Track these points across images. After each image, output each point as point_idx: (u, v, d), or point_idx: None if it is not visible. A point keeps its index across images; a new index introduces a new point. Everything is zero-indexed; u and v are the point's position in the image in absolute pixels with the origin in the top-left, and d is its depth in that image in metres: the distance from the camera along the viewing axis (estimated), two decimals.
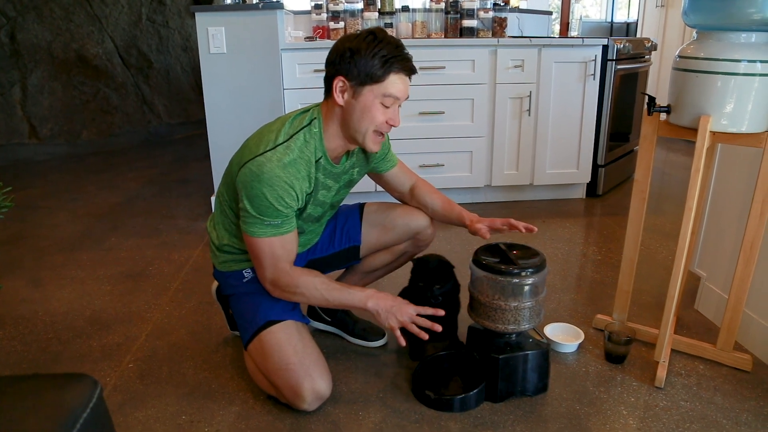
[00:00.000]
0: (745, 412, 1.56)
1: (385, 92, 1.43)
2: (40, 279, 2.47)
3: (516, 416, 1.55)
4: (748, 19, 1.42)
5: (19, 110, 4.79)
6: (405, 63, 1.44)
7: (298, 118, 1.52)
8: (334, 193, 1.64)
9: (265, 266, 1.49)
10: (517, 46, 3.17)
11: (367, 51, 1.41)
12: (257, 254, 1.49)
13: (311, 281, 1.51)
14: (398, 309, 1.49)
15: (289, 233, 1.49)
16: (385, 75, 1.42)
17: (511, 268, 1.52)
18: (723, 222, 2.02)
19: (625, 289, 1.91)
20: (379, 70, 1.41)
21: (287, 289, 1.51)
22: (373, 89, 1.43)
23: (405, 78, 1.46)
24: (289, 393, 1.52)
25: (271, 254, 1.48)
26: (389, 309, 1.49)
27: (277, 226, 1.46)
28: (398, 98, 1.46)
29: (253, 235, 1.46)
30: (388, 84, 1.43)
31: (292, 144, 1.46)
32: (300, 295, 1.52)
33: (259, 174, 1.41)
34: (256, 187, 1.41)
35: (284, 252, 1.49)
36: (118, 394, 1.67)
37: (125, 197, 3.72)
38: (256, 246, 1.48)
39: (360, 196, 2.92)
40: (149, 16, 5.70)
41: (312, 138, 1.49)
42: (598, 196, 3.59)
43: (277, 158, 1.43)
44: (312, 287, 1.50)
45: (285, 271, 1.50)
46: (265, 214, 1.43)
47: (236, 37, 3.00)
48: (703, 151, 1.51)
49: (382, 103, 1.44)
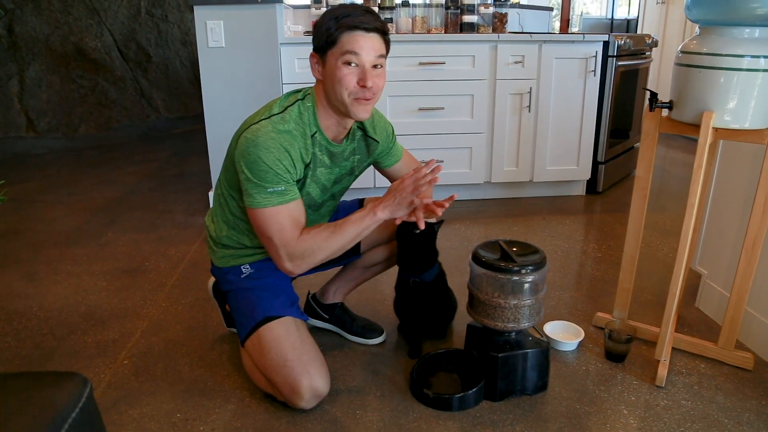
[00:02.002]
0: (747, 412, 1.54)
1: (342, 50, 1.41)
2: (36, 274, 2.45)
3: (515, 415, 1.54)
4: (752, 14, 1.40)
5: (16, 103, 4.76)
6: (355, 18, 1.40)
7: (293, 93, 1.53)
8: (335, 179, 1.62)
9: (275, 240, 1.44)
10: (518, 41, 3.14)
11: (322, 19, 1.42)
12: (264, 229, 1.45)
13: (319, 234, 1.47)
14: (400, 192, 1.45)
15: (294, 200, 1.46)
16: (338, 35, 1.40)
17: (510, 265, 1.50)
18: (724, 219, 2.00)
19: (625, 286, 1.89)
20: (335, 32, 1.40)
21: (305, 254, 1.46)
22: (333, 53, 1.42)
23: (363, 34, 1.41)
24: (286, 390, 1.50)
25: (279, 226, 1.44)
26: (395, 204, 1.46)
27: (281, 193, 1.43)
28: (356, 53, 1.40)
29: (258, 206, 1.43)
30: (344, 42, 1.40)
31: (287, 115, 1.46)
32: (319, 252, 1.47)
33: (255, 139, 1.41)
34: (252, 152, 1.40)
35: (291, 221, 1.45)
36: (113, 391, 1.65)
37: (123, 192, 3.70)
38: (262, 218, 1.44)
39: (360, 191, 2.90)
40: (148, 10, 5.67)
41: (306, 111, 1.49)
42: (598, 193, 3.57)
43: (272, 125, 1.43)
44: (325, 237, 1.46)
45: (293, 240, 1.45)
46: (265, 180, 1.41)
47: (235, 31, 2.97)
48: (705, 147, 1.49)
49: (346, 63, 1.41)
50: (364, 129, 1.64)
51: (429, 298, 1.77)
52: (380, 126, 1.69)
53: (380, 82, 1.46)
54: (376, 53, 1.43)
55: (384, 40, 1.46)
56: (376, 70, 1.45)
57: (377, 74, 1.45)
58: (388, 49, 1.48)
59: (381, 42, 1.45)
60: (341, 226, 1.47)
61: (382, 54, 1.45)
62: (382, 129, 1.70)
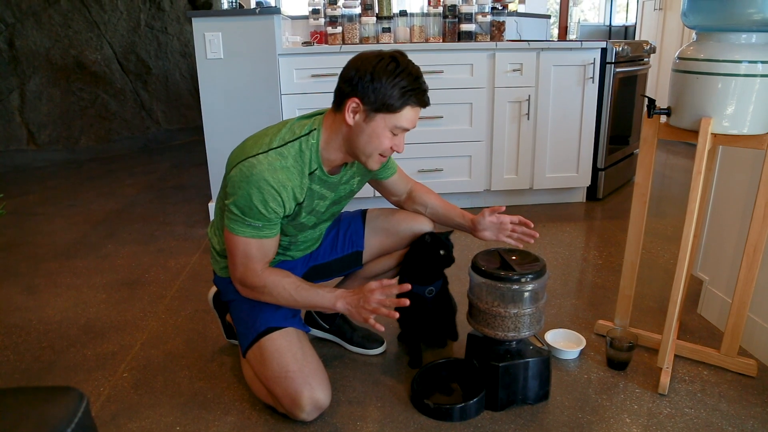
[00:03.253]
0: (750, 419, 1.53)
1: (397, 123, 1.42)
2: (35, 286, 2.45)
3: (517, 425, 1.52)
4: (749, 20, 1.40)
5: (17, 116, 4.77)
6: (421, 96, 1.42)
7: (297, 124, 1.50)
8: (330, 203, 1.62)
9: (237, 264, 1.49)
10: (516, 49, 3.15)
11: (387, 79, 1.38)
12: (232, 250, 1.49)
13: (279, 281, 1.49)
14: (364, 300, 1.46)
15: (268, 238, 1.48)
16: (401, 107, 1.40)
17: (510, 274, 1.49)
18: (725, 225, 1.99)
19: (626, 293, 1.88)
20: (397, 101, 1.39)
21: (255, 288, 1.50)
22: (386, 118, 1.41)
23: (419, 110, 1.45)
24: (287, 402, 1.49)
25: (245, 253, 1.47)
26: (357, 304, 1.46)
27: (257, 228, 1.45)
28: (408, 129, 1.45)
29: (232, 231, 1.46)
30: (401, 116, 1.41)
31: (285, 151, 1.44)
32: (268, 295, 1.50)
33: (249, 176, 1.40)
34: (243, 187, 1.40)
35: (259, 254, 1.48)
36: (112, 405, 1.64)
37: (123, 204, 3.70)
38: (232, 243, 1.48)
39: (359, 201, 2.90)
40: (148, 22, 5.69)
41: (308, 149, 1.46)
42: (598, 200, 3.56)
43: (268, 162, 1.41)
44: (280, 287, 1.48)
45: (255, 272, 1.48)
46: (247, 215, 1.43)
47: (233, 42, 2.98)
48: (704, 153, 1.48)
49: (392, 132, 1.43)
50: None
51: (436, 307, 1.76)
52: None
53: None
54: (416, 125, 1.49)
55: None
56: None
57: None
58: None
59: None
60: (302, 289, 1.50)
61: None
62: None
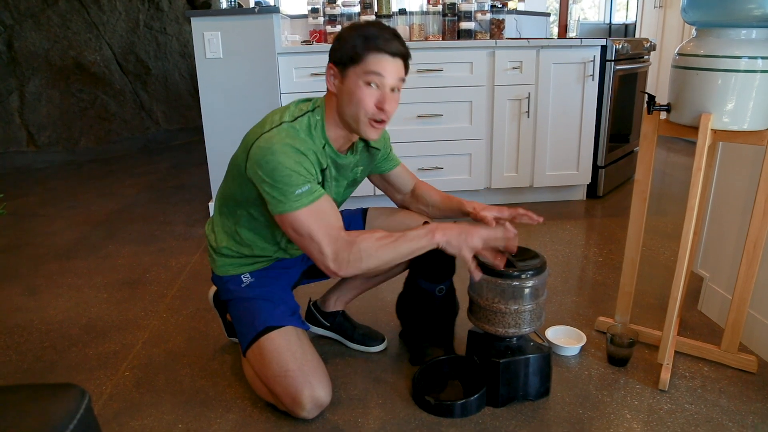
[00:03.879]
0: (751, 415, 1.53)
1: (366, 69, 1.39)
2: (36, 287, 2.45)
3: (518, 421, 1.53)
4: (748, 15, 1.40)
5: (17, 118, 4.78)
6: (385, 41, 1.39)
7: (301, 103, 1.51)
8: (341, 191, 1.62)
9: (320, 239, 1.37)
10: (515, 47, 3.15)
11: (349, 33, 1.40)
12: (302, 231, 1.38)
13: (371, 241, 1.39)
14: (468, 234, 1.42)
15: (323, 196, 1.41)
16: (364, 53, 1.38)
17: (510, 270, 1.49)
18: (725, 221, 1.99)
19: (627, 290, 1.88)
20: (360, 49, 1.38)
21: (351, 259, 1.38)
22: (356, 70, 1.40)
23: (388, 57, 1.40)
24: (287, 400, 1.49)
25: (318, 225, 1.38)
26: (458, 236, 1.42)
27: (308, 192, 1.38)
28: (381, 75, 1.39)
29: (289, 211, 1.37)
30: (367, 62, 1.39)
31: (297, 125, 1.44)
32: (367, 260, 1.39)
33: (270, 147, 1.37)
34: (270, 160, 1.36)
35: (330, 219, 1.40)
36: (114, 403, 1.65)
37: (123, 204, 3.70)
38: (299, 223, 1.38)
39: (360, 200, 2.90)
40: (147, 23, 5.70)
41: (316, 124, 1.47)
42: (599, 198, 3.56)
43: (285, 132, 1.41)
44: (376, 246, 1.39)
45: (342, 239, 1.38)
46: (290, 183, 1.36)
47: (232, 41, 2.98)
48: (704, 149, 1.48)
49: (367, 83, 1.40)
50: (366, 140, 1.65)
51: (443, 307, 1.76)
52: None
53: (395, 106, 1.46)
54: (398, 76, 1.43)
55: (405, 66, 1.46)
56: (394, 94, 1.45)
57: (394, 98, 1.45)
58: (407, 74, 1.48)
59: (403, 67, 1.45)
60: (397, 238, 1.41)
61: (402, 78, 1.45)
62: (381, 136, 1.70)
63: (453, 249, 1.43)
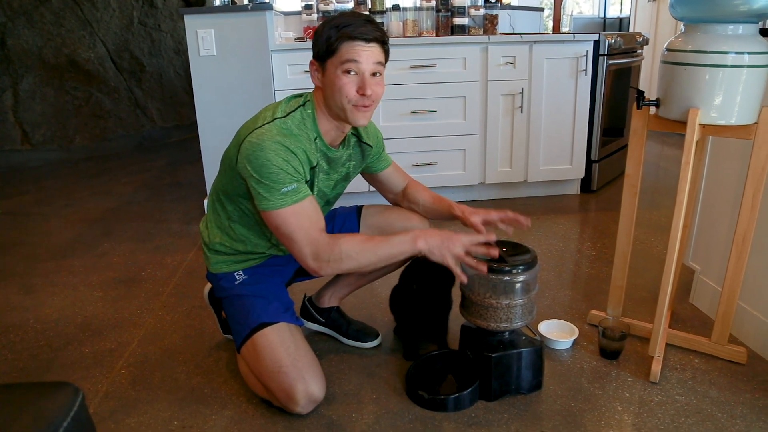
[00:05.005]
0: (740, 405, 1.55)
1: (341, 59, 1.41)
2: (32, 286, 2.46)
3: (510, 414, 1.54)
4: (734, 11, 1.42)
5: (11, 116, 4.77)
6: (355, 28, 1.41)
7: (293, 99, 1.53)
8: (333, 185, 1.63)
9: (300, 241, 1.41)
10: (509, 42, 3.16)
11: (324, 27, 1.43)
12: (286, 231, 1.42)
13: (354, 244, 1.43)
14: (450, 242, 1.43)
15: (308, 197, 1.44)
16: (338, 44, 1.41)
17: (501, 265, 1.51)
18: (716, 215, 2.01)
19: (618, 284, 1.90)
20: (334, 42, 1.41)
21: (331, 259, 1.42)
22: (333, 61, 1.43)
23: (362, 44, 1.41)
24: (282, 396, 1.51)
25: (299, 225, 1.41)
26: (441, 244, 1.44)
27: (294, 192, 1.41)
28: (356, 61, 1.41)
29: (273, 208, 1.41)
30: (342, 52, 1.41)
31: (289, 120, 1.46)
32: (347, 261, 1.43)
33: (260, 143, 1.40)
34: (260, 156, 1.39)
35: (312, 220, 1.43)
36: (110, 401, 1.66)
37: (118, 202, 3.70)
38: (281, 220, 1.41)
39: (354, 196, 2.91)
40: (141, 20, 5.68)
41: (307, 117, 1.49)
42: (593, 192, 3.58)
43: (276, 128, 1.43)
44: (358, 248, 1.43)
45: (323, 241, 1.42)
46: (277, 181, 1.39)
47: (226, 39, 2.98)
48: (692, 144, 1.50)
49: (346, 72, 1.42)
50: (358, 135, 1.66)
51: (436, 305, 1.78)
52: (372, 131, 1.71)
53: (379, 89, 1.47)
54: (375, 61, 1.44)
55: (383, 49, 1.47)
56: (375, 78, 1.46)
57: (376, 82, 1.46)
58: (387, 58, 1.49)
59: (380, 51, 1.46)
60: (378, 242, 1.45)
61: (380, 62, 1.46)
62: (374, 134, 1.72)
63: (435, 257, 1.45)
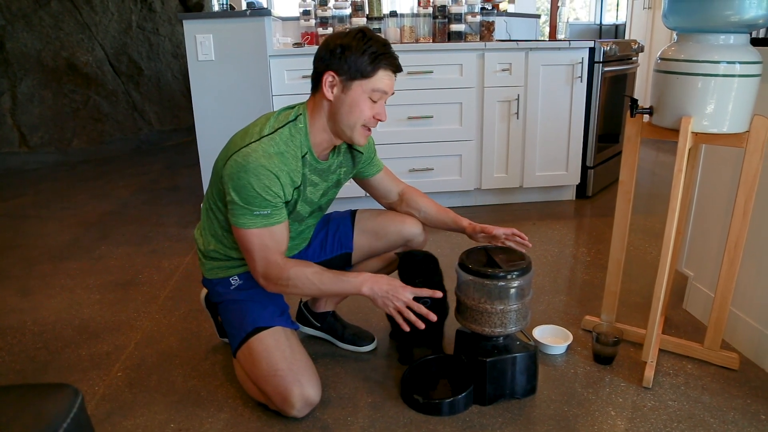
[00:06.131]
0: (732, 410, 1.57)
1: (374, 87, 1.46)
2: (29, 288, 2.46)
3: (504, 419, 1.56)
4: (726, 21, 1.44)
5: (9, 119, 4.77)
6: (392, 60, 1.48)
7: (283, 113, 1.54)
8: (322, 192, 1.65)
9: (256, 258, 1.49)
10: (505, 49, 3.18)
11: (357, 47, 1.44)
12: (247, 247, 1.49)
13: (302, 272, 1.50)
14: (394, 293, 1.47)
15: (278, 224, 1.49)
16: (374, 71, 1.45)
17: (496, 271, 1.52)
18: (709, 221, 2.03)
19: (612, 290, 1.92)
20: (369, 66, 1.44)
21: (279, 281, 1.49)
22: (362, 84, 1.46)
23: (392, 75, 1.50)
24: (278, 399, 1.52)
25: (261, 245, 1.47)
26: (386, 294, 1.48)
27: (266, 216, 1.46)
28: (386, 93, 1.49)
29: (242, 226, 1.46)
30: (376, 79, 1.46)
31: (277, 137, 1.48)
32: (293, 287, 1.50)
33: (245, 164, 1.42)
34: (242, 177, 1.42)
35: (274, 243, 1.49)
36: (107, 404, 1.67)
37: (116, 205, 3.71)
38: (246, 238, 1.48)
39: (349, 201, 2.92)
40: (139, 23, 5.70)
41: (297, 133, 1.51)
42: (588, 198, 3.60)
43: (262, 149, 1.44)
44: (303, 278, 1.49)
45: (275, 263, 1.49)
46: (253, 204, 1.44)
47: (224, 44, 3.00)
48: (685, 151, 1.52)
49: (371, 98, 1.47)
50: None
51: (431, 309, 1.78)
52: None
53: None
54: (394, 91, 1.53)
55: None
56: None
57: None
58: None
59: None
60: (326, 277, 1.51)
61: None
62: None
63: (378, 304, 1.50)
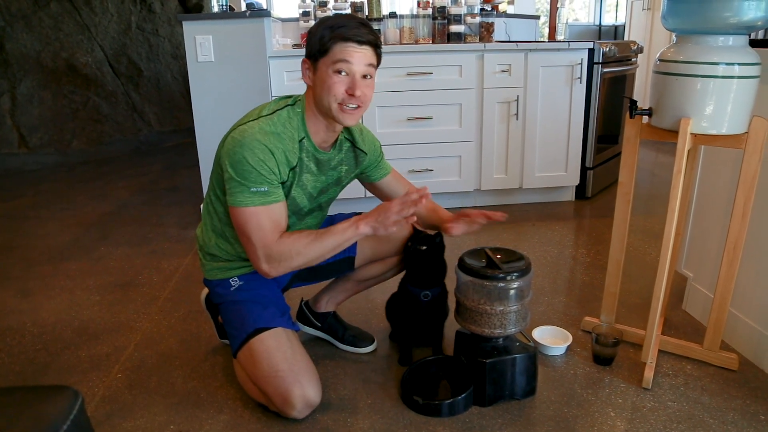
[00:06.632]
0: (731, 411, 1.57)
1: (333, 59, 1.44)
2: (29, 289, 2.46)
3: (504, 420, 1.56)
4: (725, 23, 1.44)
5: (8, 120, 4.77)
6: (351, 30, 1.43)
7: (283, 98, 1.56)
8: (321, 188, 1.64)
9: (254, 241, 1.46)
10: (504, 50, 3.18)
11: (316, 29, 1.46)
12: (243, 227, 1.46)
13: (299, 240, 1.47)
14: (384, 212, 1.46)
15: (276, 203, 1.47)
16: (331, 44, 1.43)
17: (495, 272, 1.53)
18: (708, 222, 2.03)
19: (612, 290, 1.92)
20: (327, 42, 1.44)
21: (282, 257, 1.46)
22: (325, 61, 1.45)
23: (354, 45, 1.44)
24: (278, 400, 1.52)
25: (258, 226, 1.45)
26: (377, 220, 1.46)
27: (264, 194, 1.44)
28: (348, 62, 1.43)
29: (239, 204, 1.44)
30: (335, 52, 1.44)
31: (275, 118, 1.49)
32: (297, 257, 1.47)
33: (241, 140, 1.44)
34: (237, 152, 1.43)
35: (271, 223, 1.46)
36: (107, 405, 1.67)
37: (115, 206, 3.71)
38: (243, 217, 1.45)
39: (349, 201, 2.93)
40: (139, 24, 5.70)
41: (295, 116, 1.52)
42: (587, 199, 3.60)
43: (259, 127, 1.46)
44: (303, 243, 1.47)
45: (274, 242, 1.46)
46: (248, 180, 1.43)
47: (224, 45, 3.00)
48: (684, 152, 1.52)
49: (337, 71, 1.44)
50: (352, 140, 1.67)
51: (429, 312, 1.79)
52: (368, 139, 1.72)
53: (369, 92, 1.50)
54: (366, 63, 1.47)
55: (375, 53, 1.49)
56: (365, 80, 1.48)
57: (366, 84, 1.48)
58: (379, 61, 1.52)
59: (372, 54, 1.48)
60: (322, 234, 1.49)
61: (372, 64, 1.48)
62: (370, 142, 1.73)
63: (380, 231, 1.47)
